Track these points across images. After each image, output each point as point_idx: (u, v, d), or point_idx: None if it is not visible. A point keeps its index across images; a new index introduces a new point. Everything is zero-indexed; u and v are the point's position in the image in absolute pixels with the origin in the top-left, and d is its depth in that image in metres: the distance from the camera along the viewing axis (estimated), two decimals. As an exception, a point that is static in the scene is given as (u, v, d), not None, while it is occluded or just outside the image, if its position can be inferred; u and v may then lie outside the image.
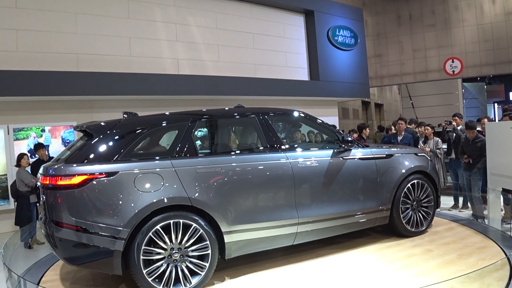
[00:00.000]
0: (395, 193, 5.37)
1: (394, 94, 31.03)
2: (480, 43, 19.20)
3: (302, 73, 14.40)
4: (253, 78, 12.63)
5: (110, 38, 10.38)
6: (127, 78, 10.09)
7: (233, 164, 4.53)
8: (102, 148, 4.18)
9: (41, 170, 4.29)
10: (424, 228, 5.65)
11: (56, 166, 4.06)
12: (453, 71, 19.42)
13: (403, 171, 5.45)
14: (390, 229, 5.58)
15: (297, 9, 14.36)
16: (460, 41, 19.51)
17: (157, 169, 4.17)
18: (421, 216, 5.62)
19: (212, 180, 4.34)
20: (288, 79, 13.47)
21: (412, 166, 5.56)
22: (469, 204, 8.36)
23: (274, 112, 5.24)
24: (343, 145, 5.17)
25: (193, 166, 4.32)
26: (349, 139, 5.19)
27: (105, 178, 3.97)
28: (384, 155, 5.45)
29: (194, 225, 4.14)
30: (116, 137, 4.27)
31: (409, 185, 5.48)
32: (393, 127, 11.63)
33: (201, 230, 4.17)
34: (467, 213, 8.21)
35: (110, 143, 4.21)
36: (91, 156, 4.10)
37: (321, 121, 5.49)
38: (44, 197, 4.14)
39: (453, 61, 19.33)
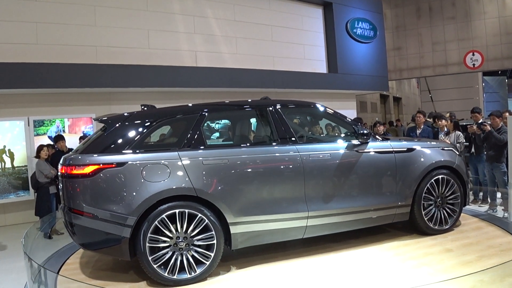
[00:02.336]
0: (416, 189, 5.20)
1: (412, 87, 30.69)
2: (501, 36, 18.78)
3: (320, 66, 14.30)
4: (271, 70, 12.59)
5: (129, 31, 10.42)
6: (146, 70, 10.13)
7: (240, 156, 4.53)
8: (115, 139, 4.33)
9: (61, 161, 4.44)
10: (448, 226, 5.38)
11: (72, 156, 4.27)
12: (474, 65, 19.07)
13: (425, 165, 5.25)
14: (412, 226, 5.39)
15: (316, 1, 14.26)
16: (481, 33, 19.11)
17: (164, 160, 4.26)
18: (445, 214, 5.37)
19: (218, 172, 4.37)
20: (306, 71, 13.39)
21: (436, 160, 5.34)
22: (489, 199, 8.26)
23: (286, 104, 5.17)
24: (358, 138, 5.08)
25: (200, 157, 4.37)
26: (365, 132, 5.06)
27: (115, 168, 4.14)
28: (405, 149, 5.28)
29: (200, 215, 4.19)
30: (128, 129, 4.41)
31: (432, 180, 5.27)
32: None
33: (207, 220, 4.21)
34: (486, 208, 8.10)
35: (122, 135, 4.36)
36: (104, 147, 4.27)
37: (333, 112, 5.37)
38: (61, 186, 4.36)
39: (473, 54, 18.97)
